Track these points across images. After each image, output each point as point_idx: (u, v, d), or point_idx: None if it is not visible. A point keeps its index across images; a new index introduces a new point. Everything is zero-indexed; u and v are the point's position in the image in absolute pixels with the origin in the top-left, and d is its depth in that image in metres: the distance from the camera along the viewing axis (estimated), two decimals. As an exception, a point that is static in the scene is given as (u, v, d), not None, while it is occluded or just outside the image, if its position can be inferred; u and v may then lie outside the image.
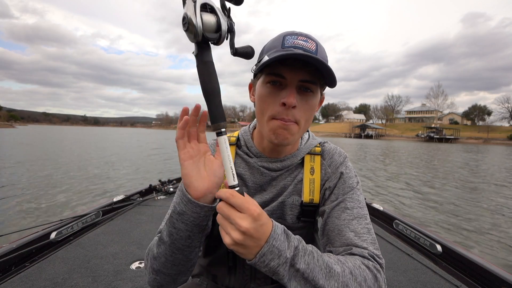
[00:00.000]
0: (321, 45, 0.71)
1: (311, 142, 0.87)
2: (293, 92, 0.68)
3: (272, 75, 0.70)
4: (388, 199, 6.94)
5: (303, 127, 0.73)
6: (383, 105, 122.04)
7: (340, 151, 0.86)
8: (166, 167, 11.29)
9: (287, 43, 0.69)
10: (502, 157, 22.10)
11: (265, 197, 0.82)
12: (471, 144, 58.85)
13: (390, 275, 1.85)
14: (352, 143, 42.05)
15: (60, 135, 40.37)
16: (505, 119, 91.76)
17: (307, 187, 0.81)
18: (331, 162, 0.84)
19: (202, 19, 0.48)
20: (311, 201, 0.81)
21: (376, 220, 2.80)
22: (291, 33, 0.71)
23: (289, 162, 0.82)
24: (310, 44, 0.68)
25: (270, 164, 0.82)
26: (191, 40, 0.51)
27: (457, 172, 12.16)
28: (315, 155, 0.85)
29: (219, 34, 0.51)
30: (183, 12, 0.50)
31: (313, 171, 0.83)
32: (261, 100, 0.73)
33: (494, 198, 7.18)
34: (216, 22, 0.50)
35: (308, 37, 0.70)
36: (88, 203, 5.66)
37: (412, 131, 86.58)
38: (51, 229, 2.00)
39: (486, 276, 1.65)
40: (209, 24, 0.49)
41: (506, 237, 4.43)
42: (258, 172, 0.83)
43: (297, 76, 0.68)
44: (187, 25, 0.49)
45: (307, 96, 0.71)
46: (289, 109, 0.69)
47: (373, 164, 14.64)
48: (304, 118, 0.72)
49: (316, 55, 0.67)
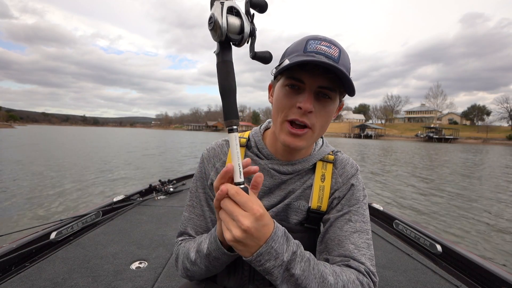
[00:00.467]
0: (344, 51, 0.70)
1: (324, 149, 0.87)
2: (310, 97, 0.68)
3: (291, 79, 0.69)
4: (385, 195, 6.96)
5: (318, 133, 0.73)
6: (383, 105, 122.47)
7: (352, 163, 0.86)
8: (165, 165, 11.30)
9: (310, 47, 0.68)
10: (501, 157, 22.12)
11: (273, 200, 0.82)
12: (470, 144, 58.88)
13: (390, 275, 1.85)
14: (351, 143, 42.03)
15: (60, 135, 40.30)
16: (504, 119, 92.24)
17: (316, 193, 0.81)
18: (343, 172, 0.83)
19: (228, 20, 0.51)
20: (319, 208, 0.80)
21: (376, 220, 2.80)
22: (315, 37, 0.70)
23: (300, 166, 0.82)
24: (333, 51, 0.67)
25: (281, 167, 0.81)
26: (215, 39, 0.53)
27: (455, 172, 12.17)
28: (328, 162, 0.85)
29: (241, 36, 0.54)
30: (211, 12, 0.52)
31: (324, 179, 0.82)
32: (278, 102, 0.73)
33: (492, 198, 7.20)
34: (240, 25, 0.53)
35: (331, 42, 0.69)
36: (88, 203, 5.66)
37: (412, 131, 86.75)
38: (51, 229, 2.00)
39: (486, 276, 1.65)
40: (233, 26, 0.52)
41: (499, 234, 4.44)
42: (268, 175, 0.82)
43: (316, 82, 0.68)
44: (212, 25, 0.52)
45: (325, 102, 0.70)
46: (305, 113, 0.69)
47: (373, 163, 14.66)
48: (320, 123, 0.72)
49: (338, 62, 0.66)
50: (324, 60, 0.63)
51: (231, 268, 0.82)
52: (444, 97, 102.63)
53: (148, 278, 1.70)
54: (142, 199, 3.20)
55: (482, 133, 77.43)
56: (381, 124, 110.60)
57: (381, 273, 1.86)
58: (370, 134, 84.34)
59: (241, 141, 0.87)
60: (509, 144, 60.04)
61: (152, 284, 1.65)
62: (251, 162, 0.82)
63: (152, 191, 3.53)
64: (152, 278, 1.70)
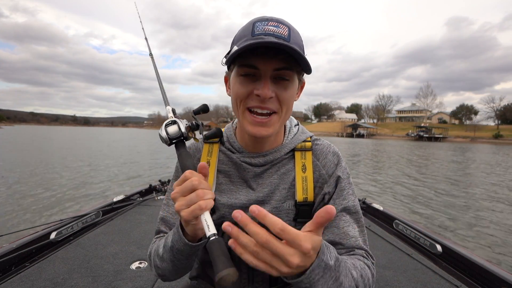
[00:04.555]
0: (294, 29, 0.67)
1: (298, 136, 0.83)
2: (267, 82, 0.65)
3: (244, 67, 0.67)
4: (379, 191, 7.06)
5: (283, 117, 0.71)
6: (375, 104, 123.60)
7: (333, 150, 0.83)
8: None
9: (257, 30, 0.64)
10: (489, 157, 22.65)
11: (253, 196, 0.79)
12: (458, 143, 60.06)
13: (390, 275, 1.87)
14: (344, 142, 42.40)
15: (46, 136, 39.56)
16: (490, 118, 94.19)
17: (299, 185, 0.78)
18: (326, 163, 0.81)
19: (168, 132, 0.68)
20: (305, 200, 0.78)
21: (376, 220, 2.82)
22: (261, 18, 0.67)
23: (271, 157, 0.79)
24: (282, 30, 0.64)
25: (252, 160, 0.79)
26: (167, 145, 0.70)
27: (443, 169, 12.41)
28: (306, 151, 0.81)
29: (181, 134, 0.68)
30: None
31: (305, 169, 0.79)
32: (235, 92, 0.70)
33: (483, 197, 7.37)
34: (177, 130, 0.68)
35: (279, 21, 0.66)
36: (88, 203, 5.61)
37: (403, 130, 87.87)
38: (51, 229, 1.99)
39: (486, 276, 1.67)
40: (174, 132, 0.68)
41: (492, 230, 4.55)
42: (241, 168, 0.80)
43: (270, 65, 0.64)
44: (161, 138, 0.69)
45: (284, 85, 0.67)
46: (264, 100, 0.66)
47: (366, 162, 14.82)
48: (283, 107, 0.69)
49: (289, 41, 0.64)
50: (274, 41, 0.61)
51: None
52: (434, 97, 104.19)
53: (148, 278, 1.70)
54: (142, 199, 3.18)
55: (470, 132, 78.93)
56: (373, 124, 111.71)
57: (381, 273, 1.88)
58: (362, 133, 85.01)
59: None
60: (495, 143, 61.36)
61: (152, 284, 1.65)
62: (224, 157, 0.83)
63: (152, 191, 3.51)
64: (152, 278, 1.70)
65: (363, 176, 10.25)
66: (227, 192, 0.81)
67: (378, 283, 1.77)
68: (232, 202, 0.79)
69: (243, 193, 0.80)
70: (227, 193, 0.80)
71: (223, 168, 0.82)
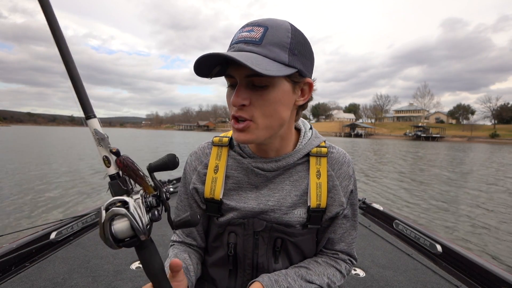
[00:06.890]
0: (275, 28, 0.62)
1: (312, 142, 0.81)
2: (239, 90, 0.63)
3: (226, 77, 0.67)
4: (376, 190, 7.07)
5: (262, 124, 0.65)
6: (372, 104, 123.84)
7: (348, 161, 0.82)
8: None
9: (234, 38, 0.64)
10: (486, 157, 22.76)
11: (263, 201, 0.78)
12: (456, 142, 60.35)
13: (390, 275, 1.87)
14: (342, 142, 42.46)
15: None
16: (487, 117, 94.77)
17: (314, 191, 0.77)
18: (340, 174, 0.80)
19: (114, 231, 0.45)
20: (318, 206, 0.78)
21: (376, 220, 2.83)
22: (244, 25, 0.65)
23: (284, 162, 0.77)
24: (255, 33, 0.61)
25: (265, 165, 0.77)
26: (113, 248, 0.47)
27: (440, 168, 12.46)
28: (322, 157, 0.80)
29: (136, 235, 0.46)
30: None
31: (319, 175, 0.78)
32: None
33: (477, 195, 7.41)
34: (129, 228, 0.45)
35: (255, 24, 0.62)
36: (88, 203, 5.60)
37: (400, 130, 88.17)
38: (51, 229, 1.98)
39: (486, 276, 1.67)
40: (122, 231, 0.45)
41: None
42: (252, 173, 0.79)
43: (242, 72, 0.62)
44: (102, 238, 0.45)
45: (261, 91, 0.63)
46: (241, 108, 0.64)
47: (364, 161, 14.86)
48: (260, 114, 0.64)
49: (260, 43, 0.60)
50: (230, 52, 0.60)
51: (232, 271, 0.81)
52: (431, 96, 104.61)
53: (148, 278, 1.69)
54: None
55: (467, 132, 79.37)
56: (371, 123, 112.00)
57: (381, 273, 1.89)
58: (360, 133, 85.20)
59: (223, 140, 0.84)
60: (492, 142, 61.72)
61: None
62: (234, 162, 0.81)
63: None
64: None
65: (363, 176, 10.28)
66: (236, 197, 0.80)
67: (378, 283, 1.78)
68: (241, 206, 0.78)
69: (252, 198, 0.79)
70: (235, 198, 0.80)
71: (231, 174, 0.81)
